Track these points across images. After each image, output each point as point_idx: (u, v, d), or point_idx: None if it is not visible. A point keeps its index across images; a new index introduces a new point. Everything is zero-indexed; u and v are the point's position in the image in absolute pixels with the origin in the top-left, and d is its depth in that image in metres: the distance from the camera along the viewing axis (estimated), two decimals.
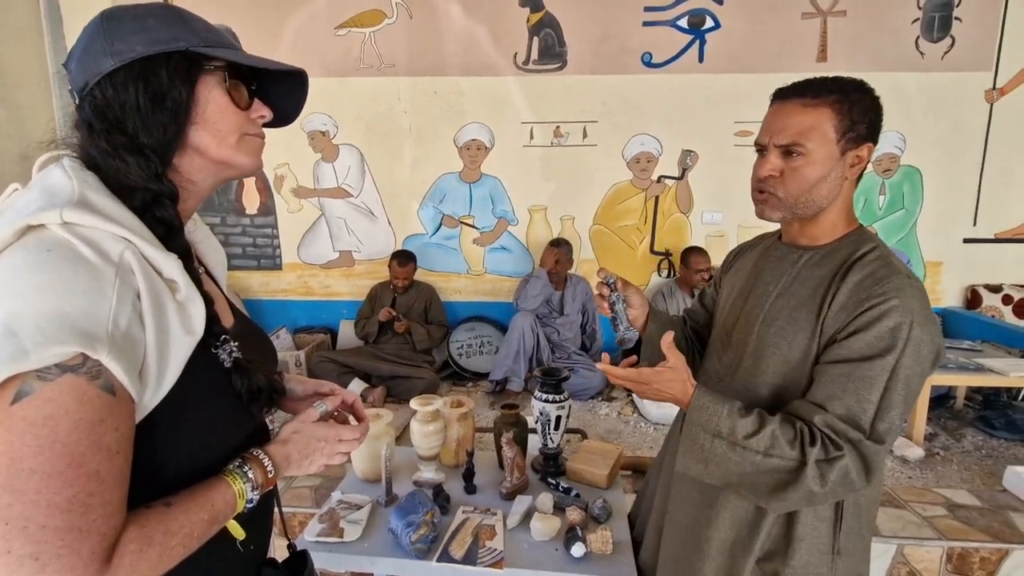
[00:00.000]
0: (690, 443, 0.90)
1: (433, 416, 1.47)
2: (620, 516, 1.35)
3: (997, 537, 1.77)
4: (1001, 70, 3.43)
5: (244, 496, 0.63)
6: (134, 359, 0.51)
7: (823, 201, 0.90)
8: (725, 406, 0.87)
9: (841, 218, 0.94)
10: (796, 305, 0.92)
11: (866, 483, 0.83)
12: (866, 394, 0.82)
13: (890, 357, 0.82)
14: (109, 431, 0.50)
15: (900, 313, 0.82)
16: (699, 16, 3.49)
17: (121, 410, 0.51)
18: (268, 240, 3.96)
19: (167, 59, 0.59)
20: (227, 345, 0.63)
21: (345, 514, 1.32)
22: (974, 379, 2.69)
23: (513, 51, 3.61)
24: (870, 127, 0.88)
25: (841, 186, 0.90)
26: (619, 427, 2.97)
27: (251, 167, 0.68)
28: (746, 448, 0.85)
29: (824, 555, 0.92)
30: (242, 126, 0.65)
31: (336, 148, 3.82)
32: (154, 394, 0.54)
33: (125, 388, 0.51)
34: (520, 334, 3.33)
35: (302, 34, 3.66)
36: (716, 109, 3.54)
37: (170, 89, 0.59)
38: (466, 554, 1.19)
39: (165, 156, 0.61)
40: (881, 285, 0.84)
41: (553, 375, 1.52)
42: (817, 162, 0.87)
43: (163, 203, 0.60)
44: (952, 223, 3.63)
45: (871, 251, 0.89)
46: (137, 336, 0.52)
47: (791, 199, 0.89)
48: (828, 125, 0.86)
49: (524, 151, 3.74)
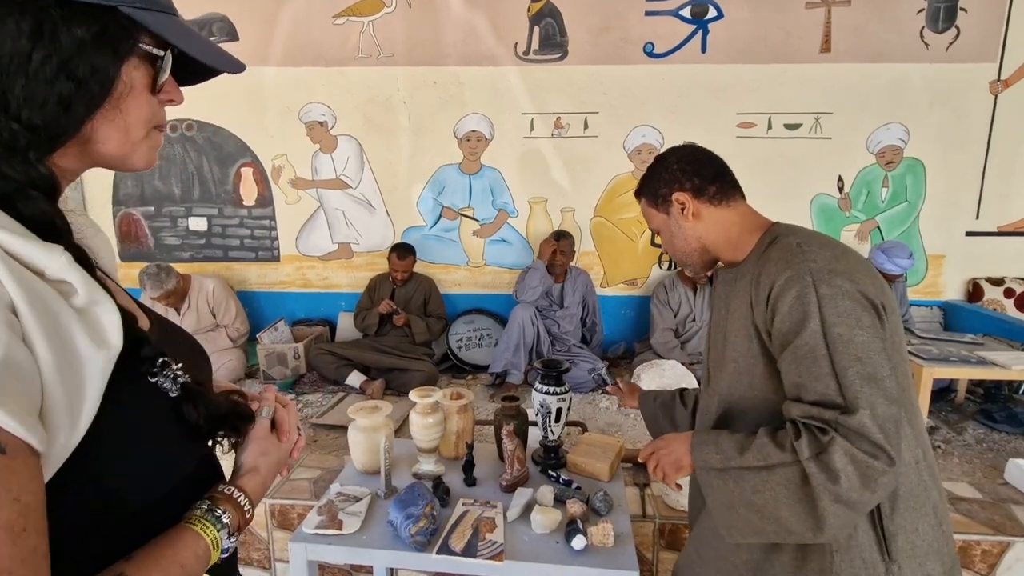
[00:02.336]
0: (709, 493, 0.93)
1: (432, 408, 1.46)
2: (621, 509, 1.34)
3: (998, 530, 1.76)
4: (1006, 62, 3.40)
5: (219, 546, 0.52)
6: (26, 396, 0.37)
7: (689, 246, 1.06)
8: (711, 438, 0.93)
9: (738, 237, 1.01)
10: (737, 317, 0.97)
11: (883, 462, 0.75)
12: (816, 369, 0.81)
13: (812, 324, 0.82)
14: (4, 504, 0.36)
15: (796, 280, 0.84)
16: (702, 6, 3.45)
17: (18, 471, 0.36)
18: (266, 232, 3.93)
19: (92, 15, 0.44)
20: (168, 369, 0.50)
21: (344, 506, 1.31)
22: (975, 372, 2.67)
23: (513, 41, 3.57)
24: (667, 182, 1.04)
25: (689, 227, 1.04)
26: (619, 420, 2.96)
27: (145, 167, 0.54)
28: (746, 469, 0.85)
29: (874, 564, 0.83)
30: (152, 118, 0.51)
31: (334, 139, 3.78)
32: (70, 435, 0.40)
33: (19, 439, 0.36)
34: (520, 326, 3.32)
35: (299, 23, 3.61)
36: (718, 100, 3.51)
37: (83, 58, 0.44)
38: (466, 546, 1.18)
39: (53, 142, 0.46)
40: (773, 264, 0.89)
41: (553, 367, 1.50)
42: (662, 229, 1.09)
43: (31, 196, 0.44)
44: (955, 216, 3.61)
45: (772, 242, 0.94)
46: (23, 364, 0.37)
47: (678, 259, 1.11)
48: (649, 209, 1.10)
49: (524, 142, 3.71)
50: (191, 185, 3.89)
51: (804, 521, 0.81)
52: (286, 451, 0.65)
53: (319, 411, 3.03)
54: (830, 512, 0.78)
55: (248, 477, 0.59)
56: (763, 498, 0.84)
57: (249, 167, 3.85)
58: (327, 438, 2.72)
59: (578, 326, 3.58)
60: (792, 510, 0.81)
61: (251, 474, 0.59)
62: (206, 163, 3.86)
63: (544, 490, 1.35)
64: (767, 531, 0.86)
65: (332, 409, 3.04)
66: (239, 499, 0.56)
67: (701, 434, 0.96)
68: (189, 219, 3.93)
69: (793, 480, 0.81)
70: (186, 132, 3.81)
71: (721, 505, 0.90)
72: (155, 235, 3.96)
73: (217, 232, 3.95)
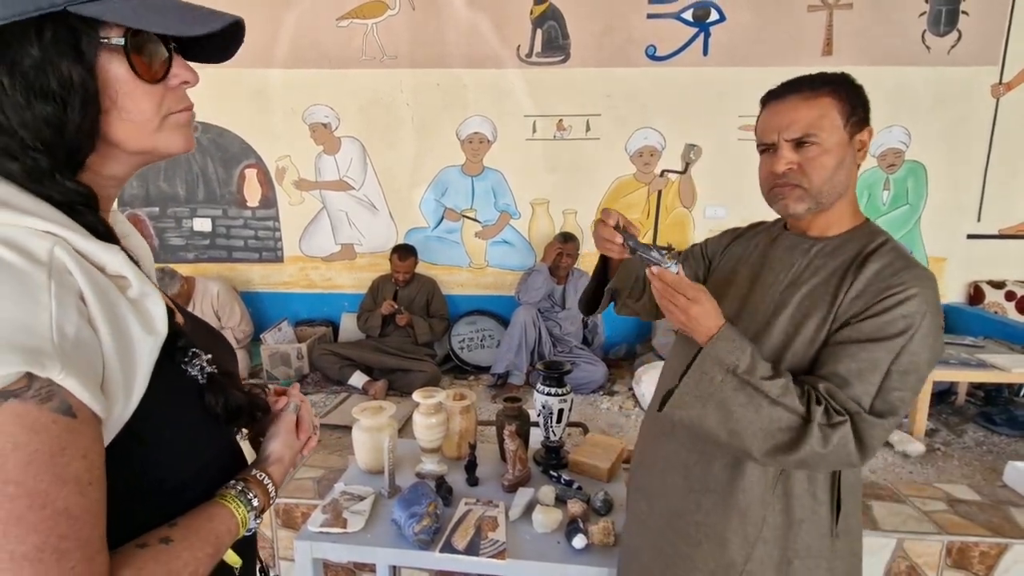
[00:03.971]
0: (698, 378, 0.86)
1: (435, 409, 1.48)
2: (621, 508, 1.35)
3: (997, 532, 1.77)
4: (1008, 65, 3.41)
5: (246, 524, 0.57)
6: (92, 371, 0.43)
7: (842, 188, 0.91)
8: (750, 345, 0.87)
9: (849, 210, 0.95)
10: (808, 293, 0.92)
11: (861, 459, 0.83)
12: (869, 374, 0.83)
13: (899, 340, 0.82)
14: (75, 460, 0.41)
15: (918, 302, 0.83)
16: (704, 9, 3.46)
17: (86, 433, 0.42)
18: (270, 233, 3.96)
19: (37, 29, 0.44)
20: (197, 360, 0.55)
21: (348, 505, 1.33)
22: (976, 375, 2.68)
23: (516, 43, 3.59)
24: (865, 111, 0.91)
25: (853, 171, 0.92)
26: (620, 421, 2.98)
27: (181, 150, 0.54)
28: (758, 390, 0.83)
29: (824, 537, 0.92)
30: (162, 104, 0.51)
31: (338, 140, 3.80)
32: (124, 407, 0.45)
33: (87, 407, 0.42)
34: (522, 328, 3.34)
35: (303, 25, 3.64)
36: (720, 103, 3.53)
37: (47, 73, 0.44)
38: (468, 545, 1.19)
39: (72, 159, 0.48)
40: (901, 275, 0.85)
41: (555, 368, 1.52)
42: (831, 149, 0.88)
43: (78, 211, 0.48)
44: (956, 219, 3.62)
45: (886, 242, 0.91)
46: (90, 344, 0.43)
47: (815, 188, 0.89)
48: (834, 112, 0.88)
49: (527, 144, 3.73)
50: (196, 186, 3.92)
51: (758, 446, 0.84)
52: (301, 446, 0.69)
53: (322, 411, 3.05)
54: (790, 459, 0.83)
55: (276, 466, 0.64)
56: (745, 412, 0.84)
57: (253, 168, 3.87)
58: (331, 438, 2.74)
59: (580, 327, 3.60)
60: (755, 437, 0.84)
61: (278, 463, 0.64)
62: (211, 164, 3.89)
63: (545, 490, 1.36)
64: (714, 431, 0.86)
65: (335, 409, 3.06)
66: (267, 484, 0.61)
67: (734, 331, 0.87)
68: (194, 220, 3.96)
69: (783, 422, 0.83)
70: None
71: (695, 388, 0.87)
72: (160, 236, 3.99)
73: (221, 233, 3.97)
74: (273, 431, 0.67)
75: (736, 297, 1.02)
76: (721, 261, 1.13)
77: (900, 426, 2.82)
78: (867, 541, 1.72)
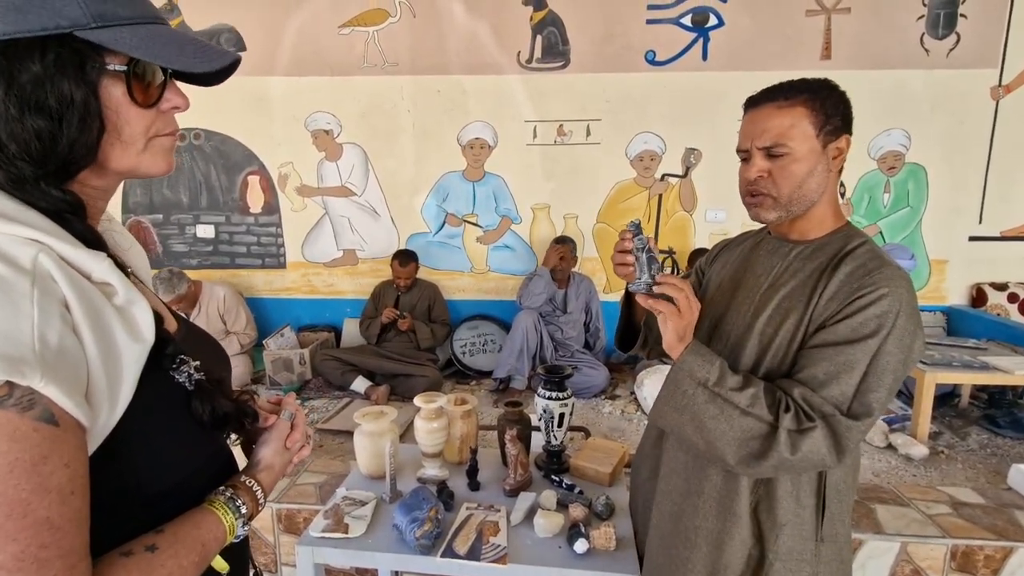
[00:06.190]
0: (672, 388, 0.91)
1: (437, 413, 1.48)
2: (623, 513, 1.35)
3: (1001, 535, 1.76)
4: (1007, 67, 3.42)
5: (234, 531, 0.57)
6: (76, 379, 0.43)
7: (814, 195, 0.92)
8: (717, 359, 0.91)
9: (829, 213, 0.96)
10: (786, 295, 0.94)
11: (836, 460, 0.83)
12: (845, 376, 0.84)
13: (873, 341, 0.83)
14: (57, 468, 0.41)
15: (890, 301, 0.84)
16: (703, 14, 3.48)
17: (69, 441, 0.42)
18: (272, 239, 3.98)
19: (42, 48, 0.45)
20: (185, 367, 0.55)
21: (350, 510, 1.33)
22: (979, 377, 2.68)
23: (516, 49, 3.62)
24: (844, 119, 0.91)
25: (827, 178, 0.92)
26: (622, 425, 2.98)
27: (161, 172, 0.55)
28: (728, 401, 0.86)
29: (807, 541, 0.93)
30: (151, 127, 0.52)
31: (340, 147, 3.83)
32: (110, 415, 0.45)
33: (70, 415, 0.42)
34: (523, 332, 3.34)
35: (305, 33, 3.67)
36: (720, 107, 3.54)
37: (46, 90, 0.45)
38: (470, 550, 1.19)
39: (63, 171, 0.49)
40: (872, 275, 0.86)
41: (556, 373, 1.52)
42: (802, 158, 0.89)
43: (66, 218, 0.48)
44: (957, 221, 3.62)
45: (861, 244, 0.92)
46: (74, 352, 0.43)
47: (784, 197, 0.91)
48: (805, 122, 0.89)
49: (527, 149, 3.74)
50: (199, 193, 3.94)
51: (733, 456, 0.87)
52: (292, 453, 0.69)
53: (324, 416, 3.05)
54: (764, 467, 0.84)
55: (265, 472, 0.64)
56: (717, 426, 0.87)
57: (256, 175, 3.90)
58: (332, 443, 2.74)
59: (581, 332, 3.60)
60: (729, 446, 0.86)
61: (268, 470, 0.64)
62: (214, 171, 3.91)
63: (547, 494, 1.36)
64: (692, 440, 0.91)
65: (337, 414, 3.07)
66: (256, 491, 0.61)
67: (702, 347, 0.92)
68: (197, 227, 3.98)
69: (754, 431, 0.85)
70: (194, 141, 3.86)
71: (670, 400, 0.92)
72: (163, 242, 4.01)
73: (224, 239, 4.00)
74: (265, 438, 0.67)
75: (721, 302, 1.05)
76: (711, 271, 1.16)
77: (903, 429, 2.81)
78: (870, 545, 1.72)
